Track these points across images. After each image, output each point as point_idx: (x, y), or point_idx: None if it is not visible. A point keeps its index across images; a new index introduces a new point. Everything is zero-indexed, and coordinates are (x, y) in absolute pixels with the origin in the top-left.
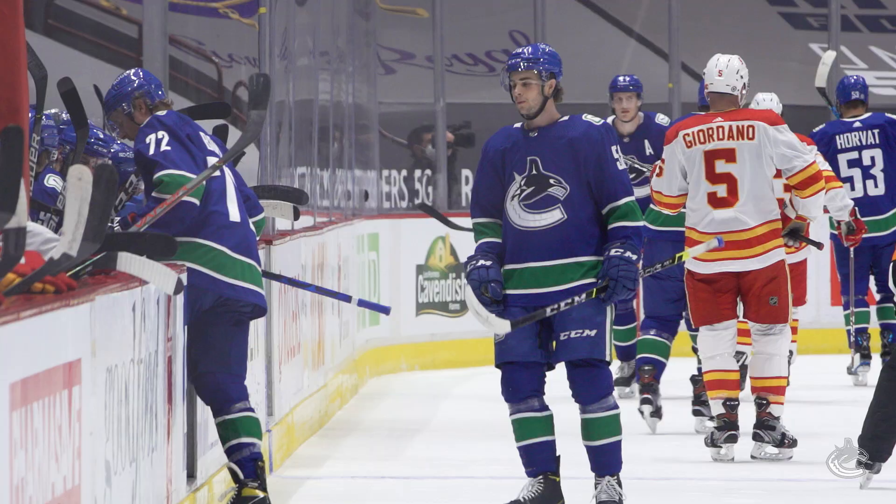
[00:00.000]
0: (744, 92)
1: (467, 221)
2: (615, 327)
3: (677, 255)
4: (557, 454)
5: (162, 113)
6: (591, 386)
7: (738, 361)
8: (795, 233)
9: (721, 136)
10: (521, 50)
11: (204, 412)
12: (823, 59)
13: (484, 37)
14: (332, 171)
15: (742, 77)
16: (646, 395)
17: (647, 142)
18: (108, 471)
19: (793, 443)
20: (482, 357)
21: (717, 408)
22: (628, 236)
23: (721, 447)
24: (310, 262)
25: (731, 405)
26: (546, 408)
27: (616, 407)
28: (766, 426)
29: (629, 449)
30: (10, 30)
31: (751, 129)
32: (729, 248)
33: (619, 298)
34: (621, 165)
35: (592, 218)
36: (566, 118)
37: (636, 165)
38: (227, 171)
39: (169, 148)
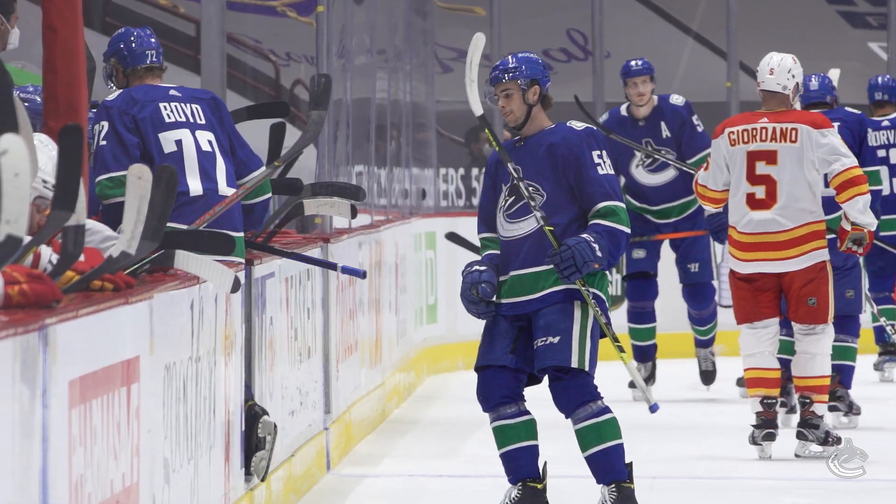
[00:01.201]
0: (797, 92)
1: None
2: (633, 325)
3: None
4: (543, 461)
5: (112, 97)
6: (563, 395)
7: None
8: (858, 242)
9: (764, 138)
10: (500, 61)
11: None
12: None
13: (541, 35)
14: (389, 170)
15: (794, 76)
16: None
17: (662, 124)
18: (166, 468)
19: (837, 441)
20: None
21: (755, 406)
22: (599, 232)
23: (761, 444)
24: (367, 260)
25: (769, 403)
26: (522, 413)
27: (601, 413)
28: (809, 425)
29: (684, 448)
30: (70, 29)
31: (794, 132)
32: (766, 248)
33: (564, 266)
34: (603, 170)
35: (573, 224)
36: (552, 126)
37: (651, 151)
38: (190, 139)
39: (104, 143)
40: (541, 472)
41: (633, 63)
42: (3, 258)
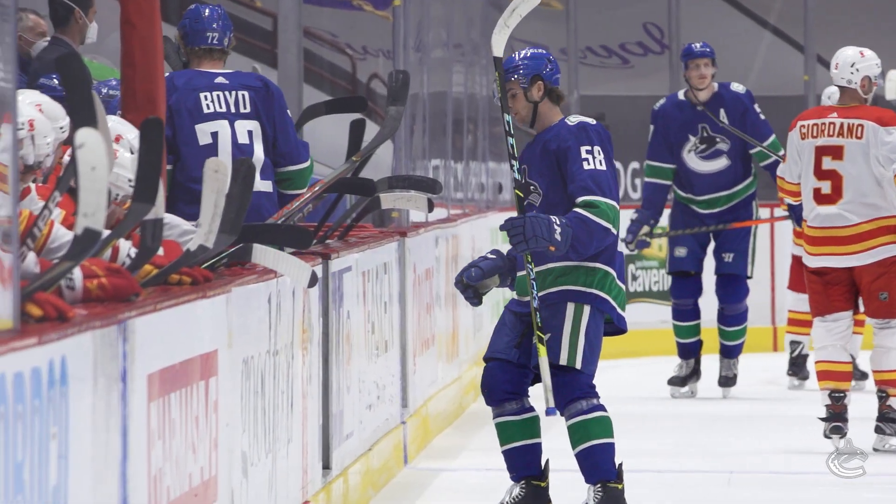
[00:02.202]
0: (869, 86)
1: None
2: (675, 322)
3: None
4: (545, 458)
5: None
6: (554, 392)
7: (793, 352)
8: None
9: (832, 133)
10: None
11: (340, 403)
12: (889, 75)
13: (618, 29)
14: (465, 164)
15: (858, 70)
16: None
17: (722, 111)
18: (244, 462)
19: None
20: (611, 351)
21: (824, 398)
22: (569, 218)
23: (831, 438)
24: (443, 254)
25: (838, 396)
26: (525, 410)
27: (591, 411)
28: (887, 419)
29: (761, 442)
30: (148, 23)
31: (860, 129)
32: (833, 243)
33: (512, 234)
34: (590, 165)
35: None
36: (557, 122)
37: (708, 135)
38: (228, 131)
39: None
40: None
41: (695, 45)
42: (83, 252)
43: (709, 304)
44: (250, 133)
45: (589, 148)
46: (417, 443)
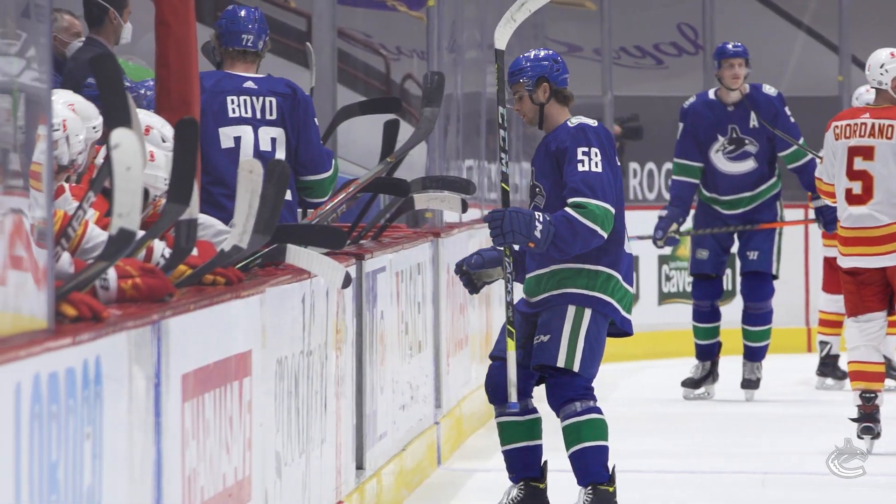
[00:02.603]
0: None
1: (635, 215)
2: (694, 324)
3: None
4: (544, 460)
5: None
6: (550, 394)
7: (822, 353)
8: None
9: (863, 133)
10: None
11: (373, 403)
12: None
13: (652, 29)
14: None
15: (888, 71)
16: None
17: (752, 113)
18: (278, 462)
19: None
20: (650, 350)
21: (856, 399)
22: (556, 217)
23: (863, 438)
24: None
25: (869, 396)
26: (528, 411)
27: (584, 413)
28: None
29: (795, 443)
30: (182, 24)
31: (890, 129)
32: (864, 243)
33: (491, 227)
34: (585, 167)
35: None
36: (562, 124)
37: (738, 136)
38: (251, 136)
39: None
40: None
41: (729, 45)
42: (118, 252)
43: (733, 306)
44: (273, 140)
45: (586, 149)
46: (451, 443)
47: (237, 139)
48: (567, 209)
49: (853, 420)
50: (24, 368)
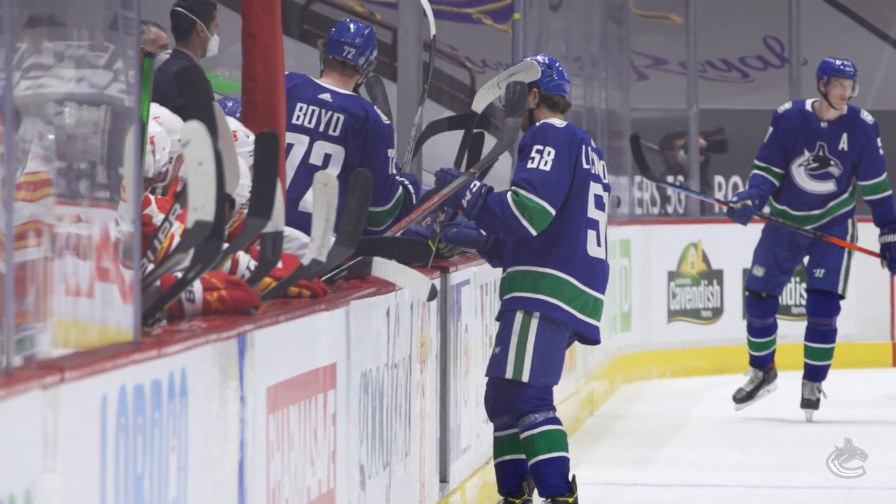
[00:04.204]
0: None
1: (722, 228)
2: (749, 337)
3: None
4: (572, 474)
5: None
6: (506, 406)
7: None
8: None
9: None
10: None
11: (457, 416)
12: None
13: (737, 42)
14: None
15: None
16: None
17: (845, 136)
18: (362, 475)
19: None
20: (735, 364)
21: None
22: (494, 197)
23: None
24: None
25: None
26: (512, 425)
27: (536, 426)
28: None
29: (878, 457)
30: (269, 36)
31: None
32: None
33: (436, 181)
34: (534, 164)
35: (555, 226)
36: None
37: (824, 156)
38: (303, 148)
39: None
40: (524, 487)
41: (840, 63)
42: (207, 262)
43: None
44: (328, 157)
45: (540, 147)
46: None
47: (289, 146)
48: (506, 192)
49: None
50: (110, 381)
